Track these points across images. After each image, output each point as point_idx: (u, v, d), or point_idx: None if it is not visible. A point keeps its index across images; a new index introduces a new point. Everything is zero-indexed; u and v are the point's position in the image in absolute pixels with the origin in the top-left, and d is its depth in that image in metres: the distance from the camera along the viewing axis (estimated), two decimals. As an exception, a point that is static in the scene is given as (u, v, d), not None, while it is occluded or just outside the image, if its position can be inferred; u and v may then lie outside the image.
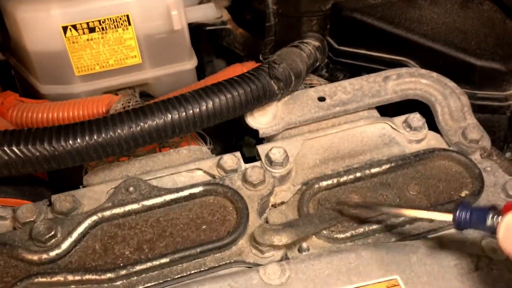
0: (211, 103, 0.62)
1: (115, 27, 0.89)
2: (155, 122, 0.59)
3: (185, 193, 0.60)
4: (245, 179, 0.62)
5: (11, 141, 0.57)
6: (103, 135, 0.58)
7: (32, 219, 0.59)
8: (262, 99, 0.66)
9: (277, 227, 0.56)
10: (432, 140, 0.73)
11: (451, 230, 0.62)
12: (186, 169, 0.66)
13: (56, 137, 0.57)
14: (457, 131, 0.72)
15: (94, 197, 0.63)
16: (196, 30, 1.06)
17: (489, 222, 0.49)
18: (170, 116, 0.60)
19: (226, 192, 0.60)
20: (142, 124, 0.59)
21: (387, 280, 0.54)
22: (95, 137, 0.58)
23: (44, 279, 0.53)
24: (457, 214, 0.51)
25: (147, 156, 0.70)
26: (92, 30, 0.88)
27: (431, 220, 0.62)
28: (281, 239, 0.55)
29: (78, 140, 0.58)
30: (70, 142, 0.57)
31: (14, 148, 0.56)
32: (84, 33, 0.88)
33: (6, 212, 0.61)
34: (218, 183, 0.61)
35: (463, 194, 0.64)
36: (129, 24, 0.89)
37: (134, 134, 0.59)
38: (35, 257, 0.55)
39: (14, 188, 0.64)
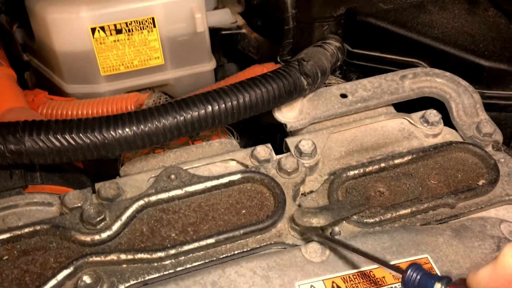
0: (248, 96, 0.66)
1: (140, 29, 0.93)
2: (196, 112, 0.63)
3: (225, 180, 0.64)
4: (279, 168, 0.66)
5: (64, 129, 0.60)
6: (149, 125, 0.62)
7: (79, 204, 0.62)
8: (293, 93, 0.70)
9: (315, 210, 0.60)
10: (447, 135, 0.77)
11: (471, 215, 0.67)
12: (221, 160, 0.70)
13: (106, 126, 0.61)
14: (471, 126, 0.77)
15: (136, 185, 0.66)
16: (212, 34, 1.10)
17: None
18: (210, 107, 0.64)
19: (263, 179, 0.64)
20: (185, 114, 0.63)
21: (418, 259, 0.58)
22: (142, 127, 0.62)
23: (98, 258, 0.56)
24: (407, 274, 0.49)
25: (181, 148, 0.73)
26: (119, 31, 0.92)
27: (452, 207, 0.66)
28: (319, 221, 0.59)
29: (127, 129, 0.61)
30: (119, 131, 0.61)
31: (67, 136, 0.60)
32: (111, 34, 0.92)
33: (53, 199, 0.64)
34: (255, 171, 0.65)
35: (480, 183, 0.69)
36: (154, 26, 0.93)
37: (178, 124, 0.63)
38: (88, 238, 0.58)
39: (60, 176, 0.67)
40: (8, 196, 0.62)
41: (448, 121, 0.80)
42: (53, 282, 0.54)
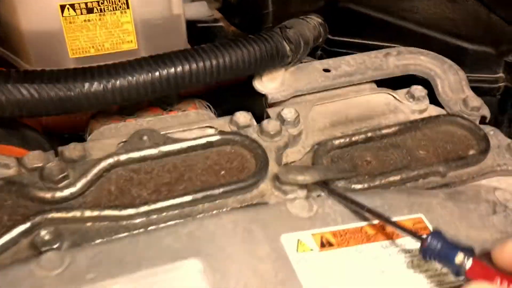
0: (228, 56, 0.62)
1: (113, 9, 0.89)
2: (173, 69, 0.59)
3: (202, 141, 0.59)
4: (261, 131, 0.61)
5: (25, 79, 0.55)
6: (121, 79, 0.57)
7: (40, 164, 0.56)
8: (275, 58, 0.66)
9: (301, 168, 0.56)
10: (433, 112, 0.74)
11: (464, 186, 0.63)
12: (198, 127, 0.65)
13: (74, 78, 0.56)
14: (457, 101, 0.74)
15: (104, 148, 0.60)
16: (188, 27, 1.07)
17: (457, 260, 0.44)
18: (188, 65, 0.60)
19: (244, 141, 0.59)
20: (160, 70, 0.58)
21: (412, 218, 0.53)
22: (113, 80, 0.57)
23: (59, 214, 0.50)
24: (427, 242, 0.45)
25: (155, 117, 0.68)
26: (90, 10, 0.88)
27: (443, 176, 0.63)
28: (305, 178, 0.54)
29: (96, 83, 0.56)
30: (87, 84, 0.56)
31: (28, 86, 0.54)
32: (82, 13, 0.87)
33: (10, 160, 0.58)
34: (235, 133, 0.60)
35: (470, 153, 0.66)
36: (128, 7, 0.89)
37: (152, 79, 0.58)
38: (48, 195, 0.52)
39: (19, 138, 0.61)
40: (-40, 154, 0.56)
41: (433, 101, 0.77)
42: (6, 237, 0.48)
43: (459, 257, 0.44)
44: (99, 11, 0.88)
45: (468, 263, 0.43)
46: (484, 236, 0.54)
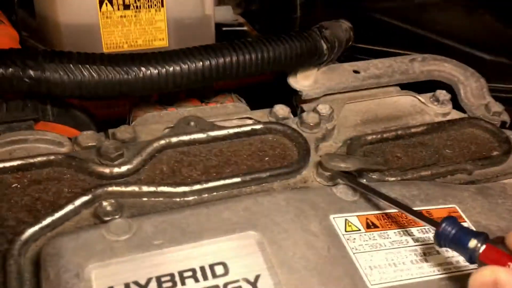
0: (272, 50, 0.65)
1: (148, 7, 0.92)
2: (222, 59, 0.62)
3: (247, 128, 0.62)
4: (301, 122, 0.65)
5: (86, 60, 0.58)
6: (174, 66, 0.60)
7: (93, 144, 0.59)
8: (313, 55, 0.70)
9: (343, 156, 0.59)
10: (456, 116, 0.78)
11: (490, 183, 0.67)
12: (237, 117, 0.68)
13: (131, 62, 0.59)
14: (479, 107, 0.79)
15: (151, 132, 0.63)
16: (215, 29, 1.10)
17: (471, 245, 0.43)
18: (236, 55, 0.63)
19: (286, 130, 0.63)
20: (211, 59, 0.62)
21: (447, 208, 0.57)
22: (167, 67, 0.60)
23: (118, 188, 0.53)
24: (441, 227, 0.45)
25: (196, 108, 0.71)
26: (126, 7, 0.91)
27: (470, 173, 0.66)
28: (348, 165, 0.57)
29: (151, 68, 0.59)
30: (143, 68, 0.59)
31: (89, 67, 0.57)
32: (118, 9, 0.90)
33: (64, 139, 0.60)
34: (278, 123, 0.64)
35: (494, 154, 0.69)
36: (162, 5, 0.93)
37: (204, 68, 0.61)
38: (107, 170, 0.54)
39: (71, 118, 0.64)
40: (18, 130, 0.58)
41: (455, 107, 0.81)
42: (69, 207, 0.50)
43: (473, 242, 0.43)
44: (135, 7, 0.92)
45: (482, 248, 0.43)
46: (513, 227, 0.57)
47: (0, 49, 0.56)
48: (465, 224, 0.55)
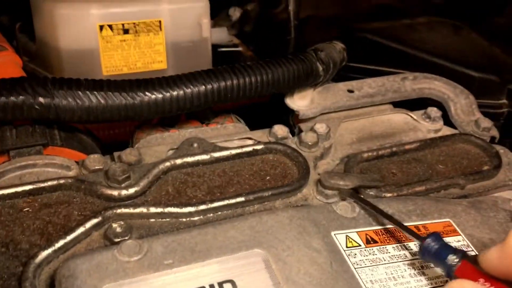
0: (271, 73, 0.68)
1: (147, 31, 0.95)
2: (223, 83, 0.65)
3: (249, 148, 0.64)
4: (300, 141, 0.67)
5: (94, 86, 0.60)
6: (178, 90, 0.62)
7: (100, 167, 0.61)
8: (310, 77, 0.73)
9: (341, 173, 0.61)
10: (447, 132, 0.81)
11: (482, 197, 0.69)
12: (238, 138, 0.71)
13: (137, 87, 0.61)
14: (469, 123, 0.82)
15: (156, 154, 0.65)
16: (211, 50, 1.13)
17: (449, 260, 0.47)
18: (236, 79, 0.66)
19: (286, 150, 0.65)
20: (212, 83, 0.64)
21: (442, 222, 0.59)
22: (171, 91, 0.62)
23: (127, 210, 0.55)
24: (425, 241, 0.48)
25: (197, 129, 0.74)
26: (126, 31, 0.94)
27: (462, 187, 0.69)
28: (346, 183, 0.60)
29: (155, 93, 0.62)
30: (148, 93, 0.61)
31: (96, 93, 0.60)
32: (118, 34, 0.93)
33: (71, 163, 0.62)
34: (277, 143, 0.66)
35: (485, 168, 0.72)
36: (161, 29, 0.96)
37: (206, 91, 0.64)
38: (115, 193, 0.56)
39: (78, 142, 0.66)
40: (27, 155, 0.60)
41: (446, 123, 0.84)
42: (80, 229, 0.52)
43: (451, 258, 0.47)
44: (134, 32, 0.94)
45: (458, 264, 0.46)
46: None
47: (12, 78, 0.58)
48: (459, 238, 0.58)
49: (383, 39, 0.98)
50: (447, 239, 0.57)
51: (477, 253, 0.56)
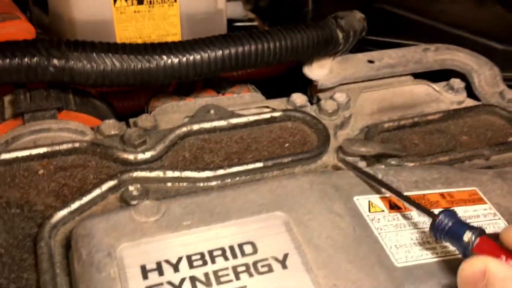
0: (290, 39, 0.66)
1: (162, 2, 0.93)
2: (241, 48, 0.63)
3: (267, 115, 0.63)
4: (320, 109, 0.65)
5: (109, 49, 0.58)
6: (195, 54, 0.61)
7: (116, 132, 0.59)
8: (329, 44, 0.71)
9: (363, 140, 0.59)
10: (471, 104, 0.79)
11: (507, 168, 0.67)
12: (255, 106, 0.69)
13: (153, 51, 0.60)
14: (493, 94, 0.79)
15: (171, 121, 0.64)
16: (226, 25, 1.11)
17: (465, 237, 0.43)
18: (254, 44, 0.64)
19: (305, 117, 0.63)
20: (230, 48, 0.62)
21: (468, 190, 0.57)
22: (188, 55, 0.61)
23: (143, 174, 0.53)
24: (438, 218, 0.45)
25: (213, 98, 0.72)
26: (140, 2, 0.92)
27: (487, 159, 0.67)
28: (368, 149, 0.58)
29: (172, 57, 0.60)
30: (165, 57, 0.60)
31: (112, 56, 0.58)
32: (132, 4, 0.91)
33: (87, 129, 0.61)
34: (297, 110, 0.64)
35: (510, 140, 0.70)
36: (175, 0, 0.94)
37: (223, 56, 0.62)
38: (131, 156, 0.55)
39: (93, 108, 0.64)
40: (42, 119, 0.59)
41: (469, 96, 0.81)
42: (96, 192, 0.51)
43: (468, 235, 0.42)
44: (148, 3, 0.92)
45: (476, 241, 0.42)
46: (534, 210, 0.57)
47: (25, 39, 0.57)
48: (485, 206, 0.56)
49: (402, 10, 0.95)
50: (474, 208, 0.55)
51: (505, 221, 0.54)
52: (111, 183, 0.52)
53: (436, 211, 0.52)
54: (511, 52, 0.88)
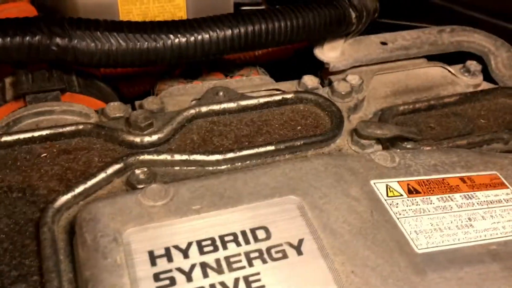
0: (301, 18, 0.63)
1: (167, -16, 0.90)
2: (252, 27, 0.60)
3: (278, 97, 0.60)
4: (332, 91, 0.63)
5: (113, 27, 0.56)
6: (203, 33, 0.58)
7: (121, 115, 0.57)
8: (342, 24, 0.68)
9: (378, 123, 0.57)
10: (487, 87, 0.76)
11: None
12: (265, 89, 0.66)
13: (159, 29, 0.57)
14: (511, 77, 0.76)
15: (178, 104, 0.62)
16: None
17: None
18: (265, 23, 0.61)
19: (317, 99, 0.61)
20: (240, 27, 0.60)
21: (488, 174, 0.55)
22: (196, 34, 0.58)
23: (150, 157, 0.51)
24: None
25: (221, 81, 0.70)
26: (145, -17, 0.89)
27: (506, 143, 0.64)
28: (383, 132, 0.56)
29: (179, 36, 0.57)
30: (172, 36, 0.57)
31: (116, 35, 0.56)
32: (137, -14, 0.89)
33: (90, 111, 0.59)
34: (309, 92, 0.62)
35: (529, 124, 0.67)
36: (181, -18, 0.91)
37: (233, 35, 0.59)
38: (137, 139, 0.53)
39: (97, 90, 0.62)
40: (44, 101, 0.57)
41: (485, 79, 0.79)
42: (101, 175, 0.49)
43: None
44: (153, -16, 0.90)
45: None
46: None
47: (27, 17, 0.55)
48: (507, 191, 0.53)
49: (416, -8, 0.92)
50: (495, 192, 0.52)
51: (528, 206, 0.52)
52: (116, 167, 0.49)
53: (457, 195, 0.51)
54: (528, 34, 0.85)
